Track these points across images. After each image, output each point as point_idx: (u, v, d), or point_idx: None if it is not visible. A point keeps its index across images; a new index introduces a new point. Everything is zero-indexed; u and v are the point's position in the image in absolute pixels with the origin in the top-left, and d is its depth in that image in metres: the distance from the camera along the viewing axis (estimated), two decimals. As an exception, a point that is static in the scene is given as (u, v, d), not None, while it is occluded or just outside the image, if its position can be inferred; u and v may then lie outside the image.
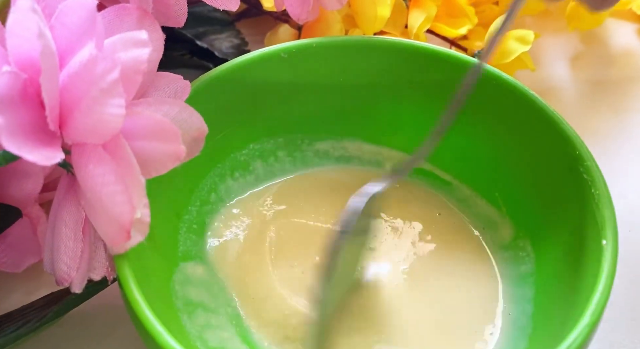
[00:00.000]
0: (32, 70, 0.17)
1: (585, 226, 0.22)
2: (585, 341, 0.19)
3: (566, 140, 0.23)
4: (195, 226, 0.25)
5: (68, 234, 0.19)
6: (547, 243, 0.24)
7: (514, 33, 0.32)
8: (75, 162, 0.18)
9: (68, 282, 0.19)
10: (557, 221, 0.24)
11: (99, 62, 0.16)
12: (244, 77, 0.26)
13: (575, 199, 0.23)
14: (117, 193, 0.17)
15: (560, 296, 0.22)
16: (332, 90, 0.27)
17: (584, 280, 0.21)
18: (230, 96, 0.26)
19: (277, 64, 0.26)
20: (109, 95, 0.16)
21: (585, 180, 0.22)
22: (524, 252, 0.25)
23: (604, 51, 0.37)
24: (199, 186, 0.26)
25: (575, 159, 0.23)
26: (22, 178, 0.24)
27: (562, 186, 0.24)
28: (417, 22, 0.32)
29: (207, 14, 0.36)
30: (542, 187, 0.25)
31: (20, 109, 0.16)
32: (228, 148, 0.27)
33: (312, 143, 0.28)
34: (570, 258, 0.22)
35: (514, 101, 0.25)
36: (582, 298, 0.20)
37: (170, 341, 0.18)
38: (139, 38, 0.17)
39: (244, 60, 0.26)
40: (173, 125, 0.18)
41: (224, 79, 0.25)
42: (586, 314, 0.19)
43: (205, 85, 0.25)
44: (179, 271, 0.24)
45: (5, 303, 0.25)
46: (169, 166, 0.19)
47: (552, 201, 0.24)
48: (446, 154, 0.27)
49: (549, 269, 0.24)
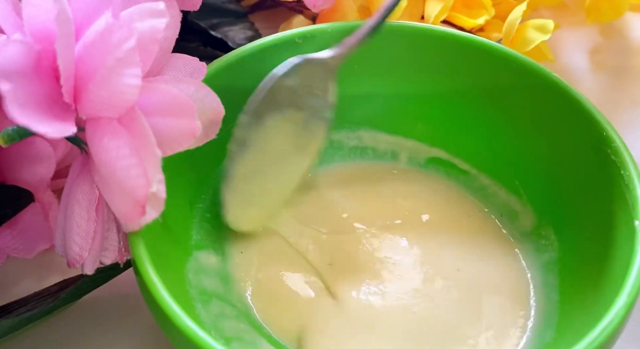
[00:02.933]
0: (47, 41, 0.16)
1: (615, 209, 0.21)
2: (621, 323, 0.18)
3: (592, 122, 0.23)
4: (209, 215, 0.25)
5: (81, 213, 0.18)
6: (571, 229, 0.23)
7: (533, 22, 0.31)
8: (89, 137, 0.17)
9: (79, 263, 0.18)
10: (583, 207, 0.23)
11: (115, 31, 0.15)
12: (258, 64, 0.25)
13: (603, 182, 0.22)
14: (132, 167, 0.16)
15: (587, 282, 0.21)
16: (346, 78, 0.27)
17: (615, 262, 0.20)
18: (243, 83, 0.25)
19: (291, 50, 0.26)
20: (125, 64, 0.16)
21: (614, 161, 0.22)
22: (547, 240, 0.24)
23: (623, 43, 0.37)
24: (211, 175, 0.25)
25: (602, 141, 0.22)
26: (34, 162, 0.24)
27: (588, 169, 0.23)
28: (433, 11, 0.32)
29: (221, 5, 0.35)
30: (566, 172, 0.24)
31: (32, 80, 0.16)
32: None
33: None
34: (597, 242, 0.22)
35: (536, 84, 0.25)
36: (614, 280, 0.19)
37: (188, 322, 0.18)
38: (156, 8, 0.17)
39: (257, 45, 0.25)
40: (189, 100, 0.17)
41: (237, 66, 0.25)
42: (621, 296, 0.18)
43: (218, 72, 0.24)
44: (193, 260, 0.23)
45: (17, 288, 0.25)
46: (184, 144, 0.18)
47: (577, 186, 0.24)
48: (464, 142, 0.27)
49: (574, 256, 0.23)
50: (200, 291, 0.22)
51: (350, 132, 0.28)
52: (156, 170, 0.17)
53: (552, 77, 0.24)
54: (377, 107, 0.28)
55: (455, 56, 0.26)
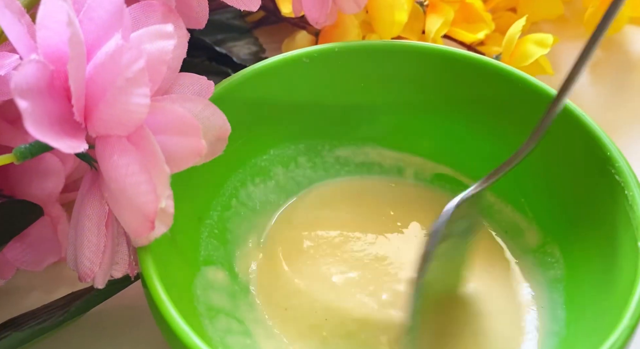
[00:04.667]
0: (60, 62, 0.17)
1: (619, 229, 0.22)
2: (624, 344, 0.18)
3: (595, 142, 0.23)
4: (217, 231, 0.25)
5: (91, 228, 0.19)
6: (577, 248, 0.24)
7: (532, 36, 0.32)
8: (99, 154, 0.18)
9: (90, 277, 0.19)
10: (588, 226, 0.23)
11: (124, 52, 0.16)
12: (265, 83, 0.26)
13: (607, 201, 0.22)
14: (142, 183, 0.17)
15: (593, 301, 0.22)
16: (353, 96, 0.27)
17: (619, 283, 0.20)
18: (251, 101, 0.26)
19: (298, 69, 0.26)
20: (134, 84, 0.16)
21: (618, 181, 0.22)
22: (552, 258, 0.24)
23: (623, 57, 0.37)
24: (220, 191, 0.26)
25: (606, 161, 0.23)
26: (43, 177, 0.25)
27: (593, 189, 0.23)
28: (434, 26, 0.32)
29: (226, 21, 0.36)
30: (571, 191, 0.24)
31: (46, 99, 0.16)
32: (249, 153, 0.27)
33: (333, 149, 0.28)
34: (603, 262, 0.22)
35: (539, 104, 0.25)
36: (618, 301, 0.20)
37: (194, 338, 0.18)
38: (164, 30, 0.17)
39: (265, 65, 0.26)
40: (194, 119, 0.18)
41: (244, 85, 0.25)
42: (625, 318, 0.18)
43: (226, 91, 0.25)
44: (201, 276, 0.23)
45: (26, 301, 0.25)
46: (189, 162, 0.19)
47: (582, 205, 0.24)
48: (470, 159, 0.27)
49: (580, 274, 0.23)
50: (207, 307, 0.23)
51: (356, 148, 0.28)
52: (165, 186, 0.17)
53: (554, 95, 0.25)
54: (383, 123, 0.28)
55: (458, 74, 0.26)
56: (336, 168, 0.28)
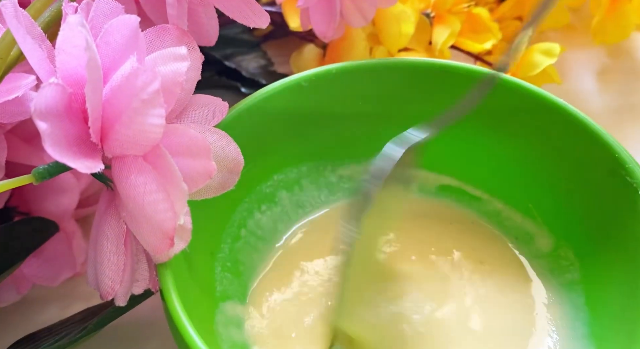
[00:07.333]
0: (77, 86, 0.17)
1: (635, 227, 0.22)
2: None
3: (603, 145, 0.23)
4: (229, 264, 0.25)
5: (110, 248, 0.19)
6: (593, 250, 0.24)
7: (539, 46, 0.32)
8: (115, 175, 0.18)
9: (112, 295, 0.19)
10: (602, 228, 0.24)
11: (140, 74, 0.16)
12: (266, 110, 0.26)
13: (620, 204, 0.22)
14: (159, 201, 0.17)
15: (616, 299, 0.22)
16: (353, 114, 0.27)
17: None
18: (252, 129, 0.25)
19: (297, 93, 0.26)
20: (149, 105, 0.16)
21: (630, 183, 0.22)
22: (566, 261, 0.25)
23: (631, 65, 0.37)
24: (228, 223, 0.25)
25: (615, 163, 0.23)
26: (58, 194, 0.25)
27: (603, 191, 0.23)
28: (441, 37, 0.33)
29: (235, 36, 0.36)
30: (581, 195, 0.24)
31: (65, 121, 0.17)
32: (253, 181, 0.26)
33: (335, 169, 0.28)
34: (621, 260, 0.22)
35: (544, 111, 0.25)
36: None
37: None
38: (178, 53, 0.18)
39: (266, 92, 0.25)
40: (205, 140, 0.18)
41: (245, 114, 0.25)
42: None
43: (228, 121, 0.24)
44: (220, 312, 0.23)
45: (41, 316, 0.26)
46: (199, 184, 0.19)
47: (593, 208, 0.24)
48: (474, 169, 0.27)
49: (599, 275, 0.23)
50: (232, 344, 0.22)
51: (358, 166, 0.28)
52: (182, 203, 0.17)
53: (558, 103, 0.25)
54: (385, 139, 0.28)
55: (458, 86, 0.26)
56: (340, 185, 0.28)
